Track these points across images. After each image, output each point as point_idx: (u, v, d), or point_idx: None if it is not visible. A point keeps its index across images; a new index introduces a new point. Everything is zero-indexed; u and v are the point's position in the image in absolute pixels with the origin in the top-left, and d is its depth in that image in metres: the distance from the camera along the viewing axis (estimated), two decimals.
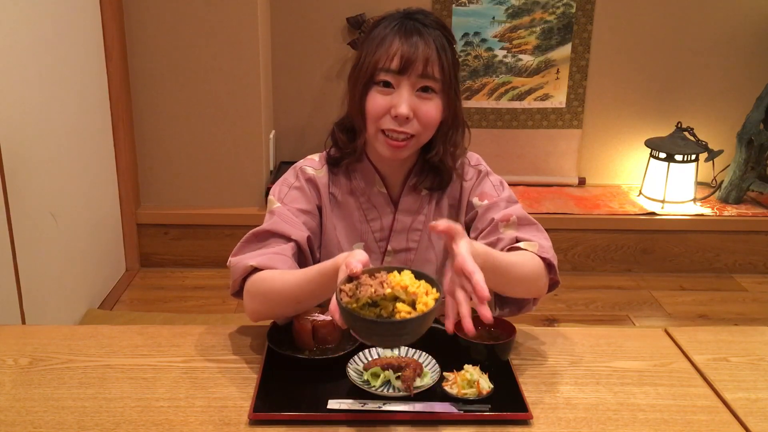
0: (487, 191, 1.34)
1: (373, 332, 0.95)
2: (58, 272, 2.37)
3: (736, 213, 3.13)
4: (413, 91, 1.22)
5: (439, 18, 1.28)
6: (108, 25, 2.70)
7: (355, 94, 1.26)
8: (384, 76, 1.22)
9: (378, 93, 1.23)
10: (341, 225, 1.35)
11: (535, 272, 1.22)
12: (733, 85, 3.31)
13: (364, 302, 0.95)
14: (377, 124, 1.24)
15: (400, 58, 1.20)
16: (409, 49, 1.20)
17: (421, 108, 1.23)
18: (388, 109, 1.22)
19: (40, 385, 1.13)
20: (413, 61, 1.20)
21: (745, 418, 1.08)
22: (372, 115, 1.24)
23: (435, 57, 1.21)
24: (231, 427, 1.04)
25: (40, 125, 2.22)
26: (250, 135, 2.98)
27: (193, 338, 1.28)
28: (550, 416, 1.08)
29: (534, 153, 3.38)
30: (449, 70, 1.24)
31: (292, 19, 3.17)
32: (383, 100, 1.23)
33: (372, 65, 1.22)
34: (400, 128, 1.23)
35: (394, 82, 1.22)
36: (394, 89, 1.22)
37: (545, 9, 3.21)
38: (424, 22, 1.24)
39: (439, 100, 1.24)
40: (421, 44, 1.20)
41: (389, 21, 1.25)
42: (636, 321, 2.76)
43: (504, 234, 1.28)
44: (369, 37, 1.26)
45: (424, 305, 0.94)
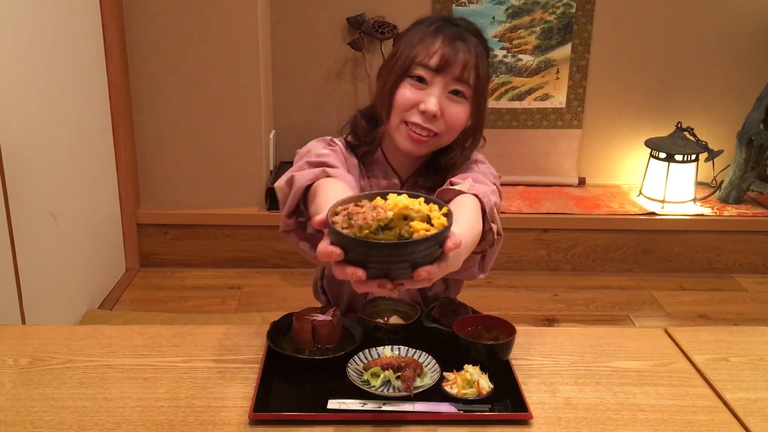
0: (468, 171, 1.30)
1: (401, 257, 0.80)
2: (58, 272, 2.37)
3: (736, 213, 3.13)
4: (445, 91, 1.23)
5: (480, 28, 1.29)
6: (108, 25, 2.70)
7: (386, 83, 1.26)
8: (420, 71, 1.23)
9: (410, 86, 1.24)
10: None
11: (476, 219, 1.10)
12: (733, 85, 3.31)
13: (375, 227, 0.81)
14: (403, 115, 1.25)
15: (440, 57, 1.21)
16: (450, 50, 1.21)
17: (449, 109, 1.24)
18: (417, 104, 1.23)
19: (40, 385, 1.13)
20: (452, 63, 1.21)
21: (745, 418, 1.08)
22: (400, 106, 1.24)
23: (473, 64, 1.23)
24: (231, 427, 1.04)
25: (40, 125, 2.22)
26: (250, 135, 2.97)
27: (193, 338, 1.28)
28: (550, 416, 1.08)
29: (534, 153, 3.38)
30: (483, 79, 1.25)
31: (292, 19, 3.17)
32: (414, 94, 1.24)
33: (410, 58, 1.23)
34: (425, 124, 1.23)
35: (429, 79, 1.23)
36: (426, 86, 1.23)
37: (545, 9, 3.21)
38: (467, 28, 1.26)
39: (468, 107, 1.25)
40: (463, 49, 1.22)
41: (431, 21, 1.26)
42: (636, 321, 2.76)
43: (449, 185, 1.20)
44: (409, 33, 1.27)
45: (437, 218, 0.84)
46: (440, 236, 0.81)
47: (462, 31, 1.24)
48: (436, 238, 0.80)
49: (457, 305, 1.33)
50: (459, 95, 1.24)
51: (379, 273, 0.81)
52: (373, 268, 0.81)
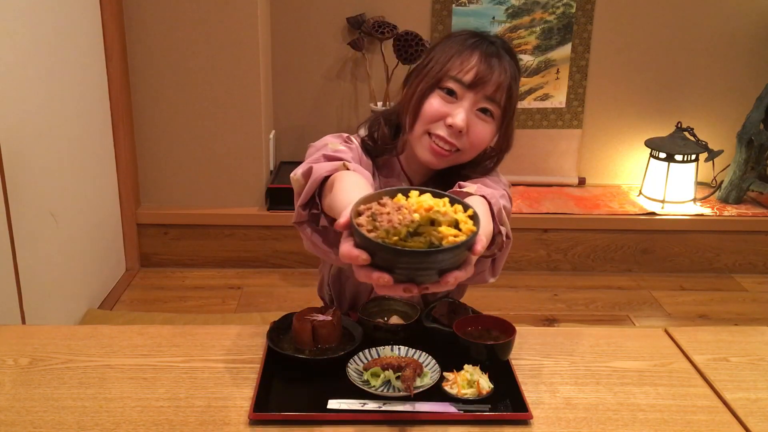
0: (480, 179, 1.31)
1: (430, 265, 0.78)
2: (58, 272, 2.37)
3: (736, 213, 3.13)
4: (474, 108, 1.22)
5: (513, 48, 1.28)
6: (108, 25, 2.70)
7: (414, 91, 1.25)
8: (452, 84, 1.22)
9: (439, 98, 1.23)
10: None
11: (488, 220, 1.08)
12: (733, 85, 3.31)
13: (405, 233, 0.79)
14: (428, 127, 1.24)
15: (475, 73, 1.20)
16: (486, 68, 1.20)
17: (476, 127, 1.23)
18: (444, 117, 1.22)
19: (40, 385, 1.13)
20: (486, 81, 1.20)
21: (745, 418, 1.08)
22: (426, 116, 1.23)
23: (507, 85, 1.22)
24: (231, 427, 1.04)
25: (40, 125, 2.22)
26: (250, 135, 2.97)
27: (193, 338, 1.28)
28: (550, 416, 1.08)
29: (534, 153, 3.38)
30: (514, 101, 1.24)
31: (292, 19, 3.17)
32: (442, 107, 1.22)
33: (444, 70, 1.22)
34: (449, 138, 1.23)
35: (460, 93, 1.22)
36: (456, 100, 1.22)
37: (545, 9, 3.21)
38: (503, 47, 1.24)
39: (494, 127, 1.25)
40: (498, 68, 1.21)
41: (468, 35, 1.25)
42: (636, 321, 2.76)
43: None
44: (444, 44, 1.25)
45: (464, 223, 0.82)
46: (469, 242, 0.80)
47: (498, 50, 1.23)
48: (466, 245, 0.79)
49: (457, 305, 1.33)
50: (487, 114, 1.23)
51: (406, 278, 0.80)
52: (400, 273, 0.79)
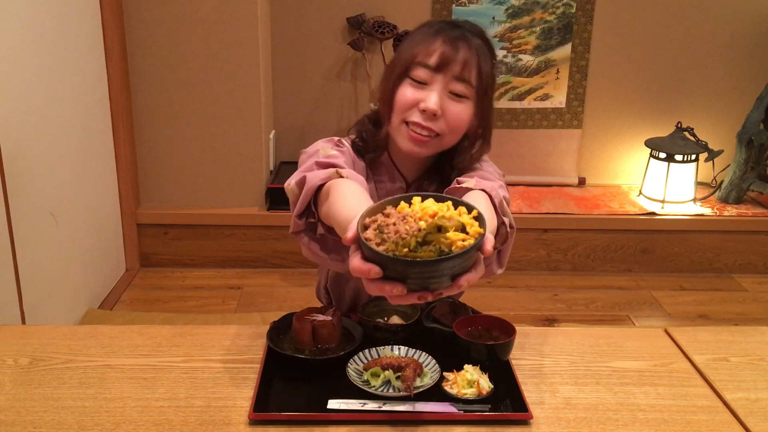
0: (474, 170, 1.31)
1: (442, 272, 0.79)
2: (58, 272, 2.37)
3: (736, 213, 3.13)
4: (446, 91, 1.22)
5: (484, 30, 1.27)
6: (108, 25, 2.70)
7: (387, 84, 1.25)
8: (419, 71, 1.21)
9: (410, 86, 1.23)
10: None
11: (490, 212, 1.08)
12: (733, 85, 3.31)
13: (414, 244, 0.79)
14: (403, 115, 1.24)
15: (439, 56, 1.20)
16: (450, 49, 1.19)
17: (451, 109, 1.22)
18: (417, 103, 1.22)
19: (40, 385, 1.13)
20: (451, 61, 1.19)
21: (745, 418, 1.08)
22: (400, 105, 1.23)
23: (474, 62, 1.21)
24: (231, 427, 1.04)
25: (40, 125, 2.22)
26: (250, 135, 2.97)
27: (193, 338, 1.28)
28: (550, 416, 1.08)
29: (534, 153, 3.38)
30: (486, 78, 1.23)
31: (292, 19, 3.17)
32: (414, 93, 1.22)
33: (410, 58, 1.22)
34: (426, 123, 1.22)
35: (429, 78, 1.21)
36: (426, 85, 1.22)
37: (545, 9, 3.21)
38: (470, 30, 1.24)
39: (471, 106, 1.24)
40: (463, 47, 1.20)
41: (433, 23, 1.25)
42: (636, 321, 2.76)
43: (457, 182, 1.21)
44: (410, 35, 1.26)
45: (470, 225, 0.82)
46: (478, 245, 0.81)
47: (464, 32, 1.23)
48: (475, 248, 0.80)
49: (457, 305, 1.33)
50: (460, 95, 1.22)
51: (419, 287, 0.81)
52: (413, 283, 0.80)
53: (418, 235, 0.80)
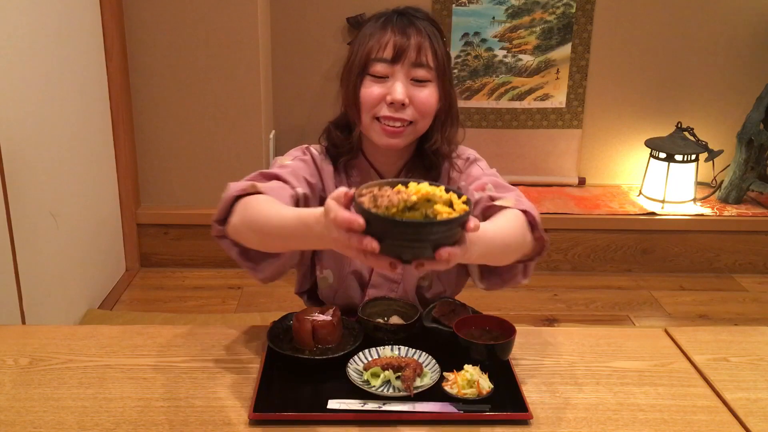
0: (473, 173, 1.34)
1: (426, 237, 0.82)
2: (58, 272, 2.37)
3: (736, 213, 3.13)
4: (408, 79, 1.23)
5: (428, 12, 1.30)
6: (108, 25, 2.70)
7: (348, 86, 1.26)
8: (377, 66, 1.22)
9: (372, 82, 1.24)
10: None
11: (520, 229, 1.13)
12: (733, 85, 3.31)
13: (402, 207, 0.84)
14: (372, 112, 1.24)
15: (393, 46, 1.21)
16: (401, 38, 1.21)
17: (416, 95, 1.23)
18: (383, 97, 1.23)
19: (40, 385, 1.13)
20: (406, 49, 1.21)
21: (745, 418, 1.08)
22: (367, 103, 1.24)
23: (428, 45, 1.22)
24: (231, 427, 1.04)
25: (40, 125, 2.22)
26: (250, 135, 2.97)
27: (193, 338, 1.28)
28: (550, 416, 1.08)
29: (534, 153, 3.38)
30: (442, 58, 1.24)
31: (292, 19, 3.17)
32: (378, 89, 1.23)
33: (365, 56, 1.23)
34: (396, 115, 1.23)
35: (389, 71, 1.23)
36: (388, 78, 1.23)
37: (545, 9, 3.21)
38: (414, 15, 1.26)
39: (435, 88, 1.25)
40: (413, 33, 1.21)
41: (379, 16, 1.27)
42: (636, 321, 2.76)
43: (479, 196, 1.24)
44: (360, 34, 1.27)
45: (459, 204, 0.87)
46: (462, 219, 0.84)
47: (410, 18, 1.24)
48: (459, 221, 0.84)
49: (457, 305, 1.33)
50: (422, 80, 1.23)
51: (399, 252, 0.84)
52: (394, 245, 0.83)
53: (408, 202, 0.84)
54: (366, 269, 1.38)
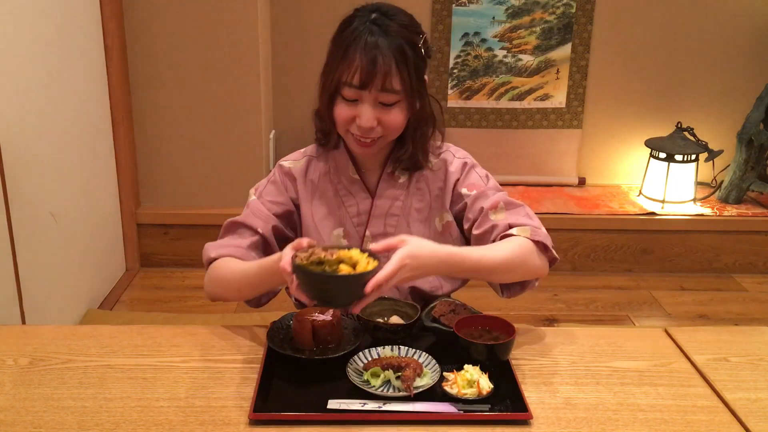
0: (474, 182, 1.39)
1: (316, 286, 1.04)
2: (58, 272, 2.37)
3: (736, 213, 3.13)
4: (376, 102, 1.26)
5: (404, 17, 1.29)
6: (108, 25, 2.70)
7: (324, 99, 1.33)
8: (347, 90, 1.26)
9: (343, 104, 1.29)
10: (321, 210, 1.41)
11: (523, 256, 1.26)
12: (733, 85, 3.31)
13: (313, 261, 1.06)
14: (344, 128, 1.31)
15: (360, 74, 1.23)
16: (368, 65, 1.23)
17: (384, 117, 1.28)
18: (353, 118, 1.28)
19: (40, 385, 1.13)
20: (373, 77, 1.23)
21: (745, 418, 1.08)
22: (340, 123, 1.31)
23: (394, 70, 1.24)
24: (231, 427, 1.04)
25: (40, 125, 2.22)
26: (250, 135, 2.98)
27: (193, 338, 1.28)
28: (550, 416, 1.08)
29: (534, 153, 3.38)
30: (410, 77, 1.26)
31: (292, 19, 3.17)
32: (348, 111, 1.28)
33: (337, 78, 1.27)
34: (366, 136, 1.29)
35: (358, 95, 1.26)
36: (358, 101, 1.27)
37: (545, 9, 3.21)
38: (387, 29, 1.25)
39: (403, 106, 1.29)
40: (380, 58, 1.23)
41: (357, 23, 1.26)
42: (636, 321, 2.76)
43: (496, 220, 1.33)
44: (334, 42, 1.29)
45: (363, 267, 1.05)
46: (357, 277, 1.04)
47: (379, 38, 1.23)
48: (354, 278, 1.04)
49: (457, 305, 1.33)
50: (390, 103, 1.27)
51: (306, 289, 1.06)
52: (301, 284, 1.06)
53: (322, 258, 1.06)
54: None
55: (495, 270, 1.24)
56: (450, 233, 1.41)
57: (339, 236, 1.40)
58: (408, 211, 1.40)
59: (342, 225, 1.40)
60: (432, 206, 1.41)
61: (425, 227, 1.41)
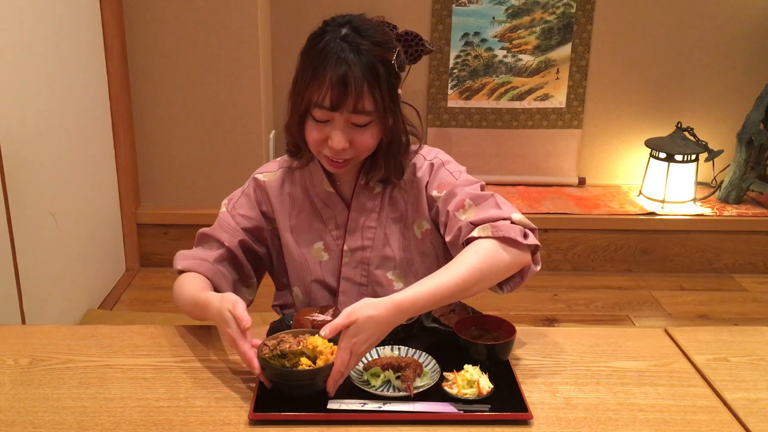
0: (444, 180, 1.32)
1: (277, 378, 1.08)
2: (58, 272, 2.37)
3: (736, 213, 3.13)
4: (348, 123, 1.22)
5: (375, 33, 1.24)
6: (108, 25, 2.70)
7: (294, 118, 1.26)
8: (317, 111, 1.22)
9: (314, 125, 1.24)
10: (300, 224, 1.38)
11: (487, 261, 1.17)
12: (733, 85, 3.31)
13: (276, 354, 1.10)
14: (316, 149, 1.27)
15: (330, 98, 1.19)
16: (338, 88, 1.18)
17: (356, 138, 1.23)
18: (325, 140, 1.23)
19: (40, 385, 1.13)
20: (344, 99, 1.18)
21: (745, 418, 1.08)
22: (311, 144, 1.26)
23: (366, 91, 1.19)
24: (231, 427, 1.04)
25: (40, 125, 2.22)
26: (250, 135, 2.98)
27: (193, 338, 1.28)
28: (550, 416, 1.08)
29: (534, 153, 3.38)
30: (382, 97, 1.21)
31: (292, 19, 3.17)
32: (319, 134, 1.23)
33: (307, 99, 1.21)
34: (338, 157, 1.25)
35: (329, 116, 1.22)
36: (328, 122, 1.23)
37: (545, 9, 3.21)
38: (358, 47, 1.20)
39: (375, 127, 1.24)
40: (351, 79, 1.18)
41: (327, 39, 1.21)
42: (636, 321, 2.76)
43: (463, 220, 1.25)
44: (307, 56, 1.23)
45: (323, 361, 1.08)
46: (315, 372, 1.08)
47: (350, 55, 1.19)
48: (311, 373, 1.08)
49: (457, 305, 1.33)
50: (362, 124, 1.23)
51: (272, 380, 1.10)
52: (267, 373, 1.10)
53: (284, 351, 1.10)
54: (328, 276, 1.38)
55: (460, 291, 1.15)
56: (429, 241, 1.36)
57: (320, 249, 1.37)
58: (385, 222, 1.35)
59: (321, 239, 1.37)
60: (408, 215, 1.36)
61: (404, 237, 1.36)
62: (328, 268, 1.37)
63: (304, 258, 1.37)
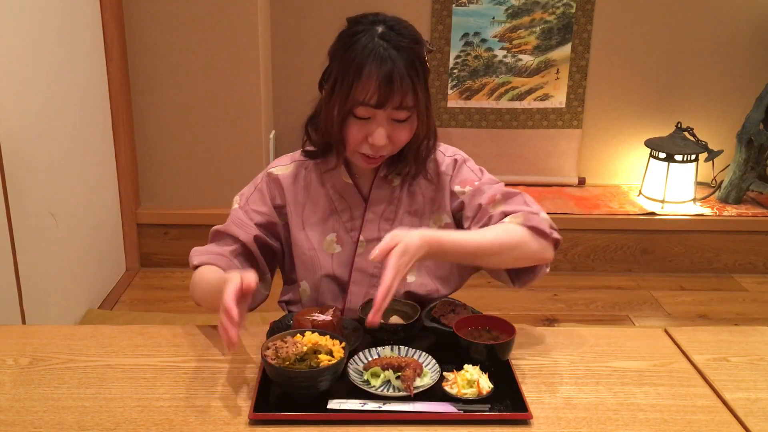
0: (467, 177, 1.38)
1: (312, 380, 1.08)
2: (58, 272, 2.37)
3: (736, 213, 3.13)
4: (390, 119, 1.25)
5: (410, 30, 1.26)
6: (108, 25, 2.70)
7: (333, 116, 1.27)
8: (361, 110, 1.23)
9: (356, 123, 1.25)
10: (313, 216, 1.39)
11: (513, 240, 1.25)
12: (733, 85, 3.31)
13: (294, 359, 1.09)
14: (354, 148, 1.28)
15: (377, 95, 1.21)
16: (386, 85, 1.20)
17: (396, 135, 1.26)
18: (366, 137, 1.26)
19: (40, 385, 1.13)
20: (390, 96, 1.21)
21: (745, 418, 1.08)
22: (351, 143, 1.28)
23: (410, 87, 1.22)
24: (231, 427, 1.04)
25: (40, 125, 2.22)
26: (250, 135, 2.98)
27: (193, 338, 1.28)
28: (550, 416, 1.08)
29: (534, 153, 3.38)
30: (423, 93, 1.25)
31: (292, 19, 3.17)
32: (361, 131, 1.25)
33: (352, 98, 1.23)
34: (377, 154, 1.27)
35: (372, 113, 1.24)
36: (370, 119, 1.25)
37: (545, 9, 3.21)
38: (398, 44, 1.22)
39: (413, 122, 1.27)
40: (396, 77, 1.20)
41: (365, 39, 1.23)
42: (636, 321, 2.76)
43: (494, 212, 1.32)
44: (342, 58, 1.25)
45: (338, 351, 1.11)
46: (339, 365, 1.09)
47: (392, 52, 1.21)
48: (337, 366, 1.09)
49: (457, 305, 1.33)
50: (403, 119, 1.25)
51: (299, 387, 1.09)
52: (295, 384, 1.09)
53: (299, 354, 1.10)
54: (339, 269, 1.39)
55: (482, 253, 1.23)
56: None
57: (332, 241, 1.38)
58: (402, 215, 1.38)
59: (334, 231, 1.38)
60: (426, 209, 1.39)
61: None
62: (340, 261, 1.38)
63: (315, 253, 1.38)
